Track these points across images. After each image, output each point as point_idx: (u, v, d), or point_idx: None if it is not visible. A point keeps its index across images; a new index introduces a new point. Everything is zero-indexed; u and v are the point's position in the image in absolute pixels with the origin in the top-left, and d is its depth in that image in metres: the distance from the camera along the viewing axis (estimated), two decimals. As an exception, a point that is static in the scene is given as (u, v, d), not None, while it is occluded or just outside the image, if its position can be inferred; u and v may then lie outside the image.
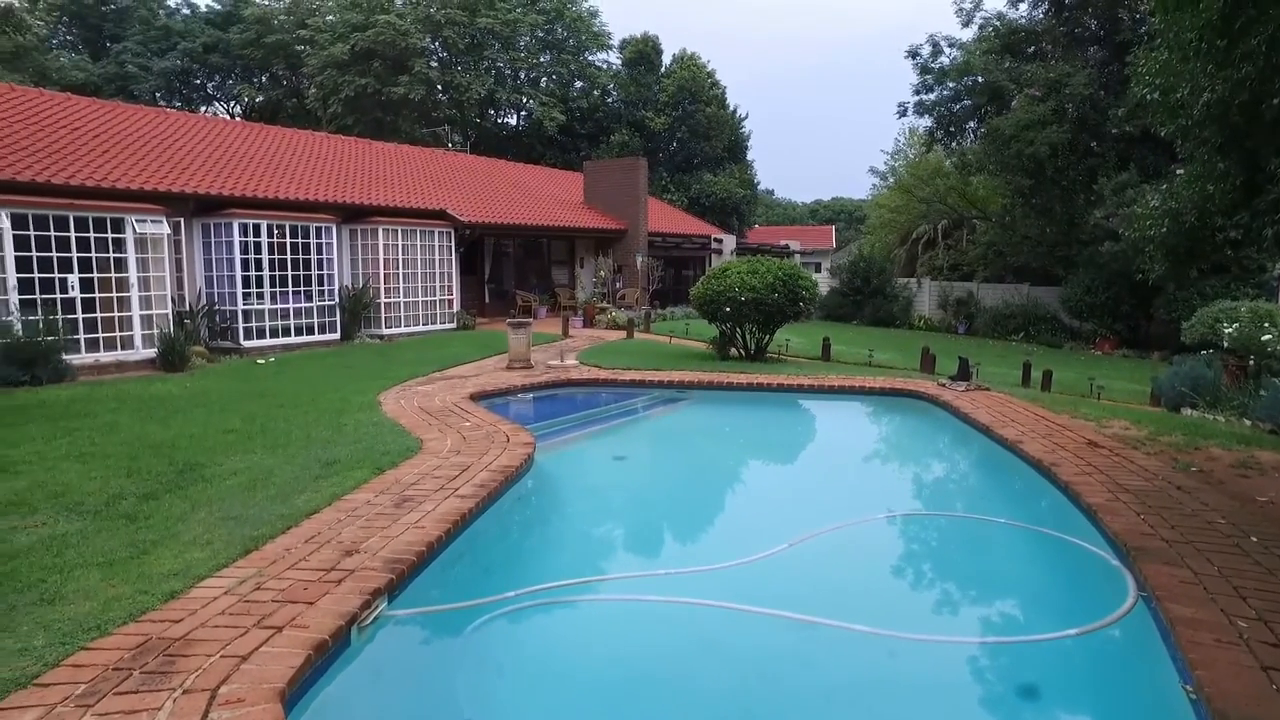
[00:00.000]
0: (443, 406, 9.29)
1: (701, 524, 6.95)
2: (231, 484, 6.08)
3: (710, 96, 39.98)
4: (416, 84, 35.83)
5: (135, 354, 12.61)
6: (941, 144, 30.96)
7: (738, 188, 39.72)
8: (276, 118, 40.62)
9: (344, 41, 36.12)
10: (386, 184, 20.12)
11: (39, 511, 5.43)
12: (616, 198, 25.99)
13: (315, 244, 15.74)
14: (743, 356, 14.15)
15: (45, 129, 14.46)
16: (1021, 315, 26.24)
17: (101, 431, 7.95)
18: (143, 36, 41.06)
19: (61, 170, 12.80)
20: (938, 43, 28.14)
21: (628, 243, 25.57)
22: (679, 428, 10.70)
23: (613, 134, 39.11)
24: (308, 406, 9.25)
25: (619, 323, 19.84)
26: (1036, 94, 24.38)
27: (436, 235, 18.64)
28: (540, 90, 40.53)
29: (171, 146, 16.26)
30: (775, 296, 13.06)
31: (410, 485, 5.99)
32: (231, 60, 42.52)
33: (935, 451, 9.62)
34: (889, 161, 45.20)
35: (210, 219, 14.56)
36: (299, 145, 20.68)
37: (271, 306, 14.96)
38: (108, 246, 12.29)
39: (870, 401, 11.14)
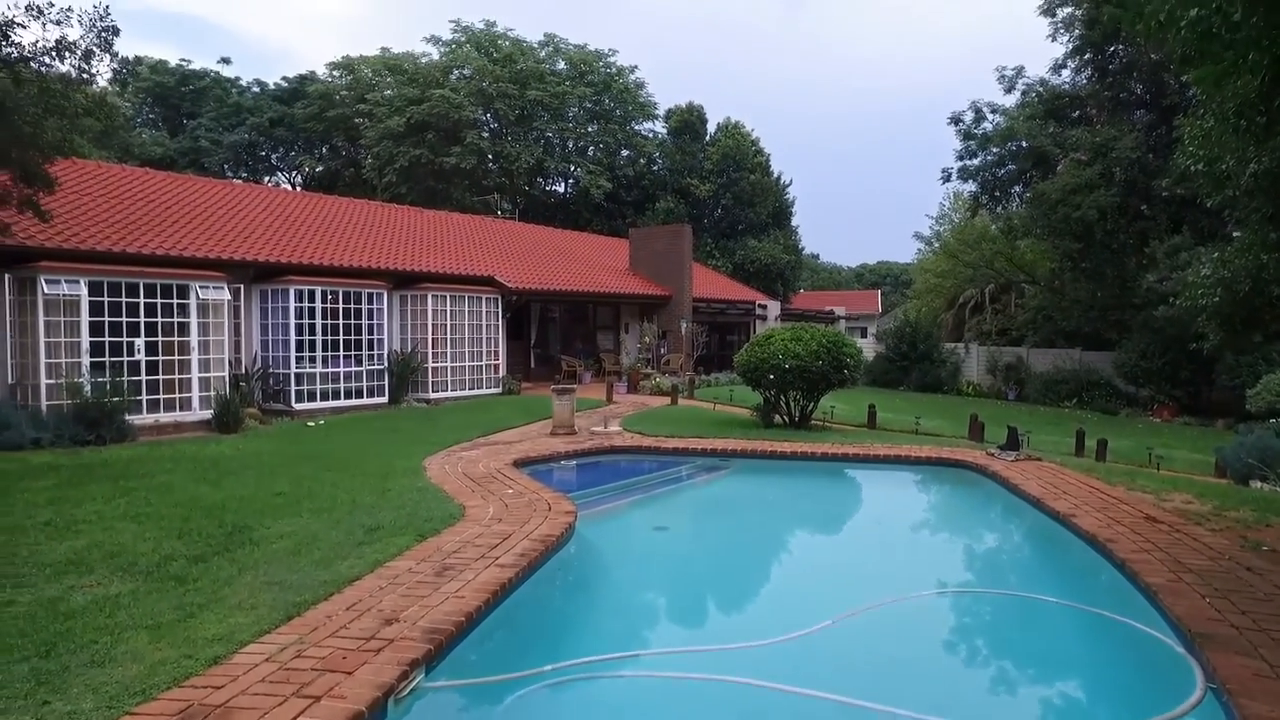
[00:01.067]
0: (486, 472, 9.36)
1: (743, 598, 6.82)
2: (278, 548, 6.18)
3: (754, 164, 40.61)
4: (468, 154, 37.12)
5: (192, 415, 13.02)
6: (987, 208, 30.91)
7: (782, 253, 39.95)
8: (334, 187, 42.34)
9: (400, 115, 37.72)
10: (437, 251, 20.72)
11: (95, 571, 5.58)
12: (661, 264, 26.34)
13: (367, 309, 16.20)
14: (787, 424, 14.03)
15: (124, 201, 15.31)
16: (1073, 381, 25.62)
17: (157, 492, 8.18)
18: (216, 113, 43.47)
19: (135, 240, 13.50)
20: (980, 109, 28.36)
21: (672, 308, 25.79)
22: (721, 497, 10.59)
23: (658, 201, 39.84)
24: (354, 470, 9.41)
25: (663, 389, 19.89)
26: (1083, 158, 24.31)
27: (484, 301, 19.05)
28: (587, 159, 41.65)
29: (235, 216, 17.04)
30: (819, 364, 13.00)
31: (451, 553, 6.02)
32: (295, 133, 44.68)
33: (984, 525, 9.34)
34: (934, 226, 45.21)
35: (268, 285, 15.13)
36: (354, 214, 21.49)
37: (323, 370, 15.36)
38: (172, 311, 12.83)
39: (917, 471, 10.92)
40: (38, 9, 9.49)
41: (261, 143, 45.29)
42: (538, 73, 39.31)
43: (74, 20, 9.72)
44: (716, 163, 40.21)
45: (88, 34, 9.85)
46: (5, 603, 4.94)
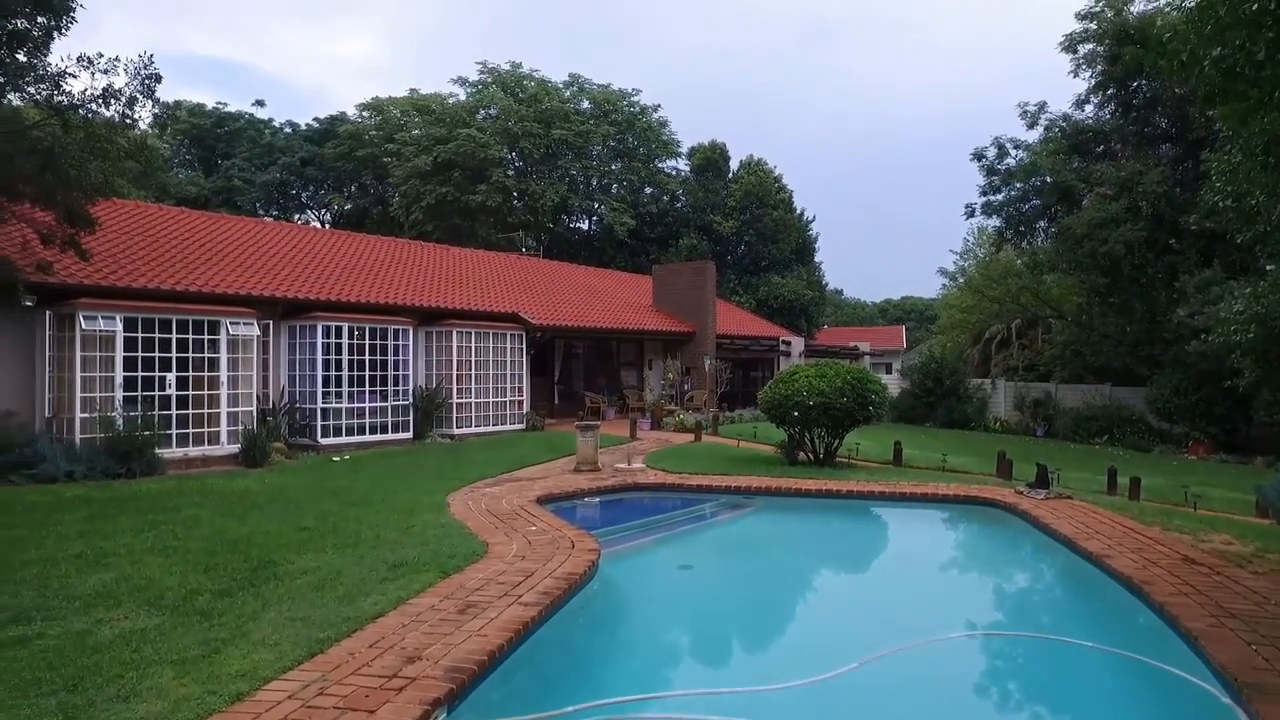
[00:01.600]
0: (509, 509, 9.35)
1: (767, 638, 6.72)
2: (302, 583, 6.20)
3: (777, 200, 40.81)
4: (494, 192, 37.69)
5: (220, 449, 13.16)
6: (1011, 243, 30.78)
7: (805, 289, 39.94)
8: (363, 224, 43.10)
9: (427, 154, 38.47)
10: (462, 287, 20.96)
11: (123, 605, 5.63)
12: (685, 300, 26.42)
13: (393, 345, 16.37)
14: (811, 461, 13.91)
15: (160, 240, 15.69)
16: (1104, 417, 25.19)
17: (185, 526, 8.26)
18: (249, 153, 44.62)
19: (169, 277, 13.80)
20: (1003, 145, 28.39)
21: (696, 345, 25.81)
22: (746, 535, 10.48)
23: (681, 238, 40.10)
24: (379, 506, 9.44)
25: (687, 425, 19.83)
26: (1108, 192, 24.19)
27: (509, 337, 19.19)
28: (611, 196, 42.10)
29: (265, 253, 17.38)
30: (844, 401, 12.91)
31: (474, 590, 6.00)
32: (325, 172, 45.69)
33: (1014, 565, 9.15)
34: (958, 261, 44.96)
35: (296, 321, 15.36)
36: (381, 251, 21.84)
37: (349, 405, 15.50)
38: (203, 347, 13.06)
39: (944, 510, 10.75)
40: (88, 59, 9.89)
41: (292, 181, 46.34)
42: (562, 112, 39.98)
43: (120, 69, 10.11)
44: (739, 200, 40.47)
45: (132, 81, 10.23)
46: (35, 635, 4.99)
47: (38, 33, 9.35)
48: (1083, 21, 25.71)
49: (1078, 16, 25.81)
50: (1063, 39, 26.38)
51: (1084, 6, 25.57)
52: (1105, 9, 25.07)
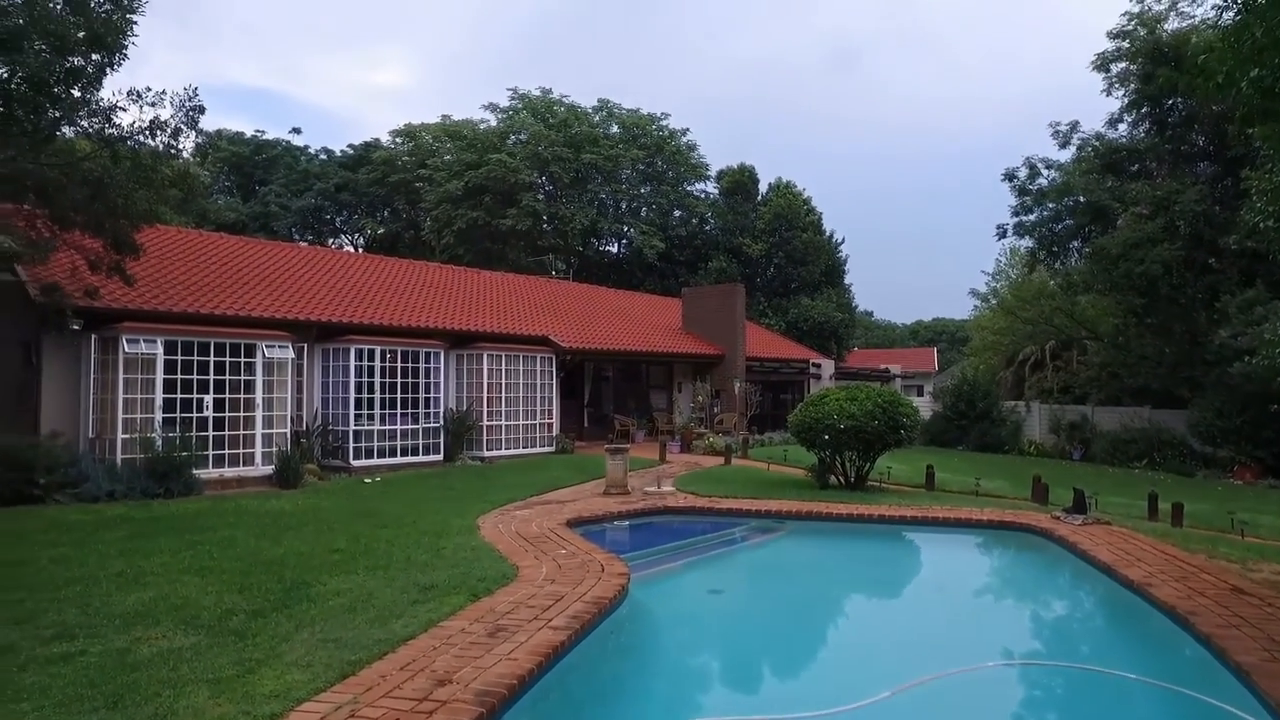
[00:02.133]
0: (539, 532, 9.37)
1: (798, 665, 6.63)
2: (334, 604, 6.25)
3: (806, 223, 40.76)
4: (524, 216, 38.10)
5: (255, 470, 13.36)
6: (1044, 264, 30.36)
7: (835, 311, 39.73)
8: (395, 248, 43.76)
9: (459, 179, 39.04)
10: (492, 311, 21.16)
11: (161, 624, 5.72)
12: (714, 323, 26.42)
13: (424, 368, 16.54)
14: (842, 485, 13.77)
15: (199, 265, 16.07)
16: (1143, 440, 24.59)
17: (220, 546, 8.38)
18: (286, 179, 45.64)
19: (208, 301, 14.13)
20: (1035, 165, 28.10)
21: (725, 367, 25.76)
22: (776, 560, 10.39)
23: (711, 260, 40.15)
24: (409, 528, 9.51)
25: (716, 448, 19.75)
26: (1144, 212, 23.81)
27: (539, 360, 19.30)
28: (641, 219, 42.35)
29: (300, 278, 17.72)
30: (875, 424, 12.80)
31: (504, 614, 6.01)
32: (358, 197, 46.55)
33: (1051, 592, 8.95)
34: (990, 282, 44.47)
35: (330, 344, 15.60)
36: (413, 275, 22.15)
37: (381, 428, 15.67)
38: (239, 370, 13.32)
39: (978, 535, 10.57)
40: (137, 93, 10.27)
41: (327, 207, 47.24)
42: (592, 137, 40.41)
43: (166, 102, 10.46)
44: (768, 222, 40.48)
45: (177, 113, 10.57)
46: (78, 652, 5.08)
47: (92, 69, 9.72)
48: (1115, 40, 25.48)
49: (1109, 35, 25.59)
50: (1094, 58, 26.14)
51: (1116, 25, 25.38)
52: (1138, 28, 24.83)
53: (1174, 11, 24.06)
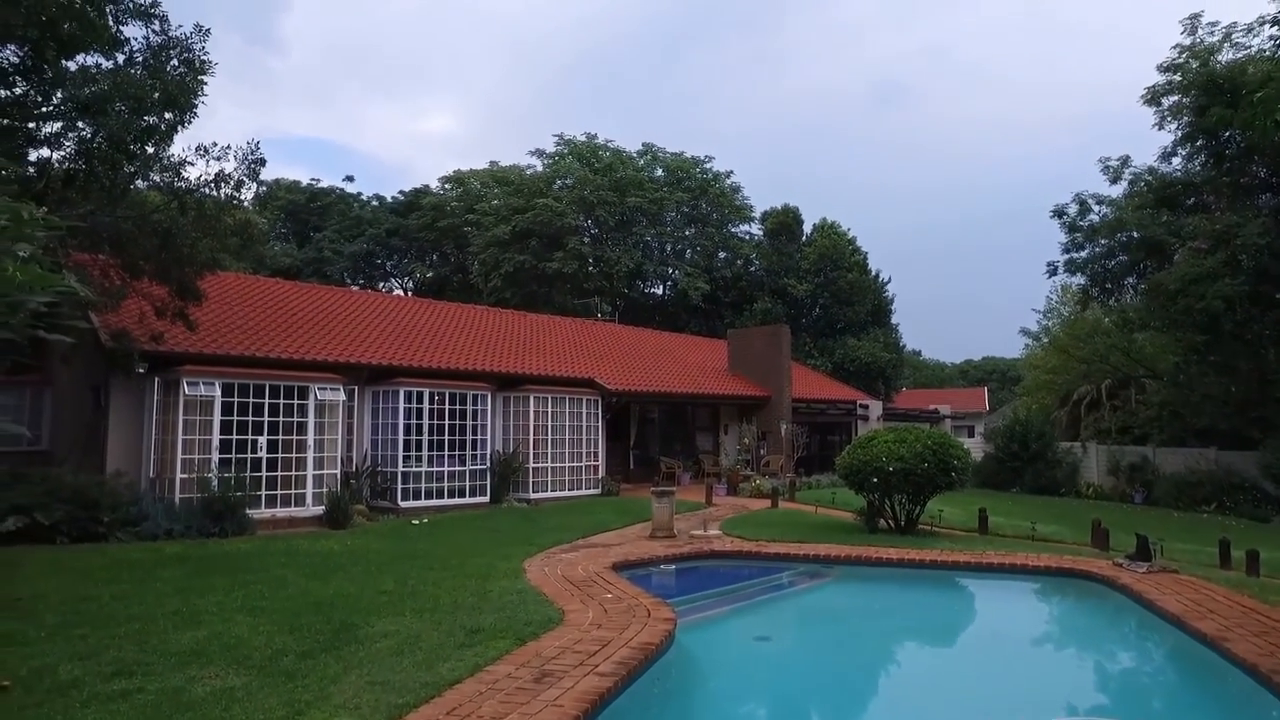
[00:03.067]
0: (585, 576, 9.33)
1: (848, 716, 6.45)
2: (382, 646, 6.29)
3: (852, 262, 40.58)
4: (570, 259, 38.66)
5: (305, 511, 13.59)
6: (1098, 301, 29.67)
7: (882, 351, 39.27)
8: (443, 291, 44.68)
9: (506, 223, 39.87)
10: (539, 353, 21.39)
11: (214, 663, 5.81)
12: (760, 364, 26.30)
13: (471, 410, 16.74)
14: (892, 529, 13.47)
15: (256, 309, 16.62)
16: (1211, 483, 23.60)
17: (272, 586, 8.51)
18: (339, 226, 47.15)
19: (264, 344, 14.57)
20: (1085, 201, 27.64)
21: (772, 409, 25.56)
22: (825, 606, 10.17)
23: (756, 301, 40.14)
24: (456, 570, 9.55)
25: (763, 491, 19.53)
26: (1202, 246, 23.17)
27: (585, 403, 19.39)
28: (685, 261, 42.63)
29: (352, 321, 18.18)
30: (925, 466, 12.54)
31: (551, 659, 5.98)
32: (409, 242, 47.82)
33: (1116, 644, 8.58)
34: (1041, 320, 43.55)
35: (380, 386, 15.91)
36: (461, 318, 22.55)
37: (429, 469, 15.84)
38: (293, 411, 13.63)
39: (1036, 581, 10.21)
40: (204, 148, 10.83)
41: (378, 251, 48.58)
42: (636, 180, 41.00)
43: (230, 156, 11.00)
44: (813, 262, 40.39)
45: (240, 166, 11.09)
46: (136, 690, 5.19)
47: (164, 127, 10.28)
48: (1165, 74, 25.11)
49: (1160, 69, 25.24)
50: (1145, 92, 25.77)
51: (1166, 59, 25.03)
52: (1189, 60, 24.45)
53: (1228, 43, 23.65)
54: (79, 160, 10.14)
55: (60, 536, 10.66)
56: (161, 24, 10.68)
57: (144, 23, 10.57)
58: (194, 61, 10.65)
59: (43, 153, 10.14)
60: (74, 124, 9.95)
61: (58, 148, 10.16)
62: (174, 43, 10.68)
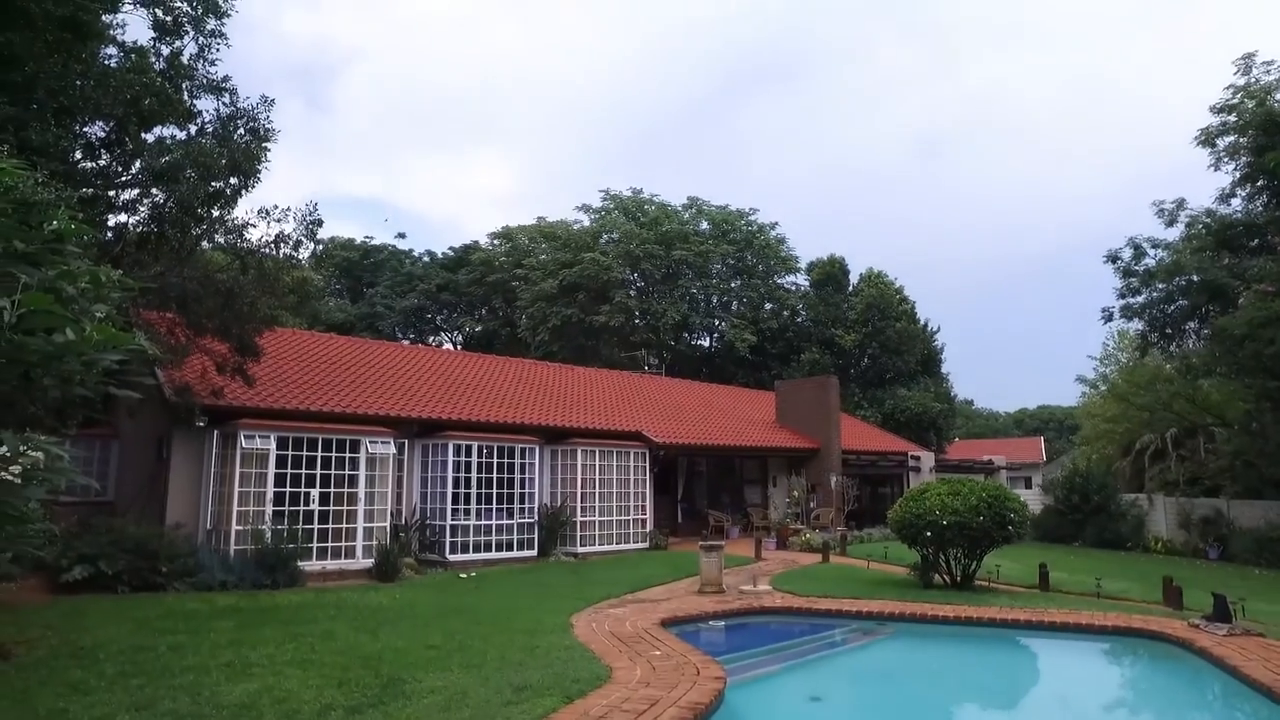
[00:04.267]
0: (633, 632, 9.20)
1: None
2: (429, 702, 6.25)
3: (900, 312, 40.22)
4: (616, 312, 39.03)
5: (355, 563, 13.71)
6: (1158, 347, 28.76)
7: (933, 401, 38.56)
8: (492, 345, 45.38)
9: (553, 277, 40.54)
10: (586, 407, 21.49)
11: (265, 717, 5.84)
12: (808, 416, 26.03)
13: (519, 464, 16.83)
14: (948, 584, 13.05)
15: (310, 364, 17.08)
16: (1294, 538, 22.36)
17: (321, 639, 8.57)
18: (391, 282, 48.48)
19: (318, 398, 14.92)
20: (1139, 245, 27.02)
21: (821, 461, 25.19)
22: (880, 665, 9.84)
23: (803, 352, 39.91)
24: (503, 625, 9.50)
25: (813, 545, 19.14)
26: (1269, 289, 22.39)
27: (632, 455, 19.36)
28: (732, 313, 42.70)
29: (403, 375, 18.54)
30: (980, 520, 12.17)
31: (598, 718, 5.88)
32: (458, 297, 48.86)
33: (1196, 711, 8.10)
34: (1098, 368, 42.37)
35: (429, 439, 16.12)
36: (509, 372, 22.84)
37: (477, 523, 15.91)
38: (344, 465, 13.88)
39: (1103, 642, 9.75)
40: (266, 210, 11.37)
41: (429, 306, 49.70)
42: (682, 234, 41.45)
43: (290, 217, 11.50)
44: (860, 312, 40.13)
45: (299, 227, 11.58)
46: (186, 745, 5.24)
47: (230, 192, 10.83)
48: (1219, 115, 24.70)
49: (1213, 110, 24.84)
50: (1198, 133, 25.32)
51: (1219, 100, 24.64)
52: (1244, 100, 24.03)
53: (1286, 81, 23.23)
54: (151, 224, 10.73)
55: (121, 585, 10.98)
56: (231, 96, 11.35)
57: (215, 95, 11.24)
58: (259, 130, 11.26)
59: (120, 218, 10.75)
60: (149, 191, 10.57)
61: (133, 213, 10.76)
62: (241, 113, 11.33)
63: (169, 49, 10.88)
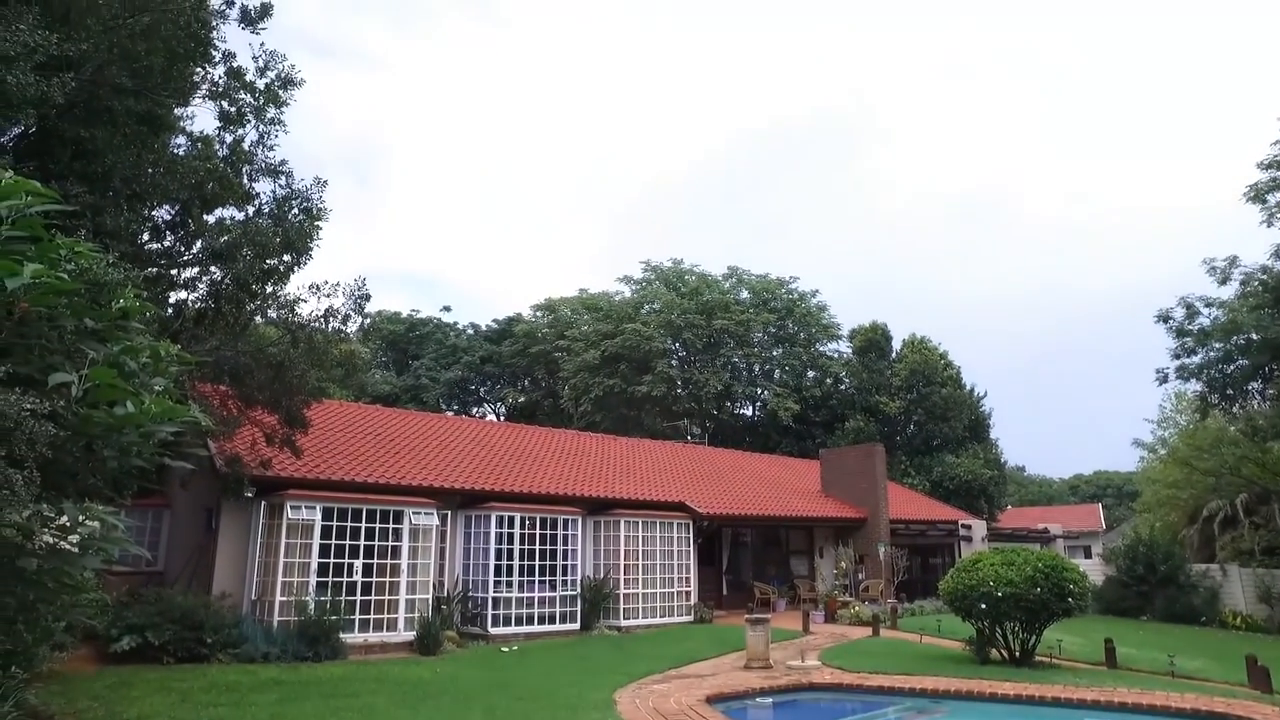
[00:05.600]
0: (678, 709, 8.94)
1: None
2: (469, 781, 6.12)
3: (945, 377, 39.65)
4: (658, 382, 39.12)
5: (397, 636, 13.62)
6: (1219, 409, 27.76)
7: (983, 468, 37.58)
8: (534, 416, 45.68)
9: (595, 348, 40.93)
10: (629, 477, 21.38)
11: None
12: (854, 485, 25.54)
13: (562, 535, 16.71)
14: (1006, 660, 12.48)
15: (355, 435, 17.36)
16: (1388, 612, 20.95)
17: (362, 714, 8.48)
18: (436, 354, 49.37)
19: (363, 469, 15.11)
20: (1191, 304, 26.39)
21: (868, 531, 24.57)
22: (937, 745, 9.38)
23: (847, 420, 39.41)
24: (546, 700, 9.31)
25: (863, 618, 18.53)
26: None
27: (675, 527, 19.11)
28: (774, 381, 42.49)
29: (446, 446, 18.71)
30: (1037, 591, 11.70)
31: (640, 797, 5.68)
32: (501, 368, 49.50)
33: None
34: (1156, 431, 40.93)
35: (472, 511, 16.14)
36: (551, 442, 22.91)
37: (519, 595, 15.74)
38: (388, 535, 13.94)
39: (1180, 725, 9.17)
40: (316, 286, 11.79)
41: (472, 378, 50.38)
42: (723, 303, 41.71)
43: (339, 292, 11.90)
44: (905, 379, 39.65)
45: (348, 301, 11.96)
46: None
47: (283, 268, 11.28)
48: (1268, 170, 24.34)
49: (1260, 166, 24.51)
50: (1247, 189, 24.89)
51: (1266, 156, 24.31)
52: (1293, 154, 23.70)
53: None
54: (209, 300, 11.19)
55: (167, 656, 11.04)
56: (286, 179, 11.92)
57: (272, 178, 11.82)
58: (312, 209, 11.77)
59: (180, 294, 11.24)
60: (208, 269, 11.06)
61: (193, 290, 11.25)
62: (296, 194, 11.87)
63: (232, 136, 11.55)
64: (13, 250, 3.23)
